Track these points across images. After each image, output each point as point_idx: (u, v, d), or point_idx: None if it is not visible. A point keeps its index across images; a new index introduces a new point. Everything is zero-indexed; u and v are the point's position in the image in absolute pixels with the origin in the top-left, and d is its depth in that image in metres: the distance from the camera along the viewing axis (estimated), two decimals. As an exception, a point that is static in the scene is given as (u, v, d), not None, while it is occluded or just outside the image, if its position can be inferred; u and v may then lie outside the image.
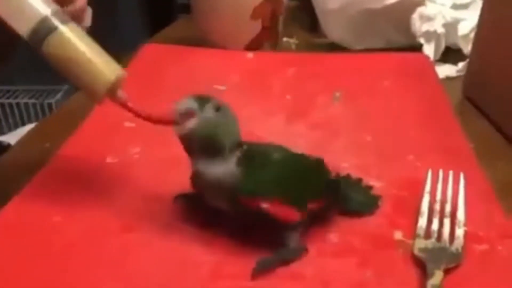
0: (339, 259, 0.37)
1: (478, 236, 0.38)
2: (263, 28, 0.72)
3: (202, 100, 0.36)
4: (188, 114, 0.35)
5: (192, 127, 0.35)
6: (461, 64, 0.68)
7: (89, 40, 0.38)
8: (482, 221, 0.39)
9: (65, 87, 1.53)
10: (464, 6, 0.72)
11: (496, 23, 0.55)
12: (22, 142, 0.56)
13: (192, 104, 0.35)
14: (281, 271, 0.36)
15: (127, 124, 0.52)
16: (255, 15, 0.71)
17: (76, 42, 0.38)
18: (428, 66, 0.67)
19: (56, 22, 0.37)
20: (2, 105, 1.56)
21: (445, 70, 0.69)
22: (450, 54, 0.72)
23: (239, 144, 0.37)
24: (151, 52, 0.71)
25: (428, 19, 0.70)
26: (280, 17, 0.74)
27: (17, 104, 1.56)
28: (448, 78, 0.67)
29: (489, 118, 0.56)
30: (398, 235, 0.39)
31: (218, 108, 0.36)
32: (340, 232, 0.39)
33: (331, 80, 0.63)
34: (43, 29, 0.37)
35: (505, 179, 0.46)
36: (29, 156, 0.51)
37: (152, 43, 0.76)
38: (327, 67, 0.67)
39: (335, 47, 0.77)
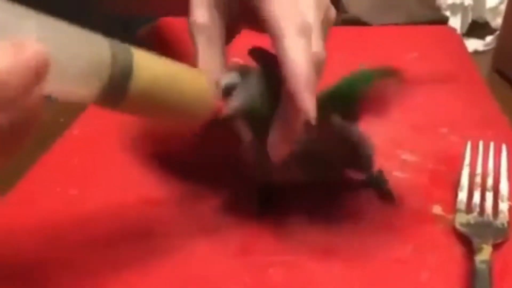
0: (376, 234, 0.35)
1: (524, 211, 0.36)
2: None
3: (244, 71, 0.32)
4: (230, 90, 0.32)
5: (235, 104, 0.31)
6: (489, 38, 0.66)
7: (157, 54, 0.28)
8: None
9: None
10: (493, -22, 0.69)
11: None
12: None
13: (235, 78, 0.32)
14: (315, 246, 0.34)
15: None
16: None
17: (162, 64, 0.28)
18: (455, 39, 0.64)
19: (122, 48, 0.25)
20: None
21: (472, 44, 0.66)
22: (476, 28, 0.69)
23: None
24: (168, 26, 0.69)
25: (455, -10, 0.68)
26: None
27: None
28: (476, 52, 0.65)
29: (521, 91, 0.54)
30: (437, 209, 0.37)
31: (259, 77, 0.32)
32: (376, 207, 0.37)
33: (355, 53, 0.60)
34: (121, 69, 0.24)
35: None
36: (43, 130, 0.49)
37: (168, 17, 0.73)
38: (351, 40, 0.64)
39: (355, 23, 0.74)
